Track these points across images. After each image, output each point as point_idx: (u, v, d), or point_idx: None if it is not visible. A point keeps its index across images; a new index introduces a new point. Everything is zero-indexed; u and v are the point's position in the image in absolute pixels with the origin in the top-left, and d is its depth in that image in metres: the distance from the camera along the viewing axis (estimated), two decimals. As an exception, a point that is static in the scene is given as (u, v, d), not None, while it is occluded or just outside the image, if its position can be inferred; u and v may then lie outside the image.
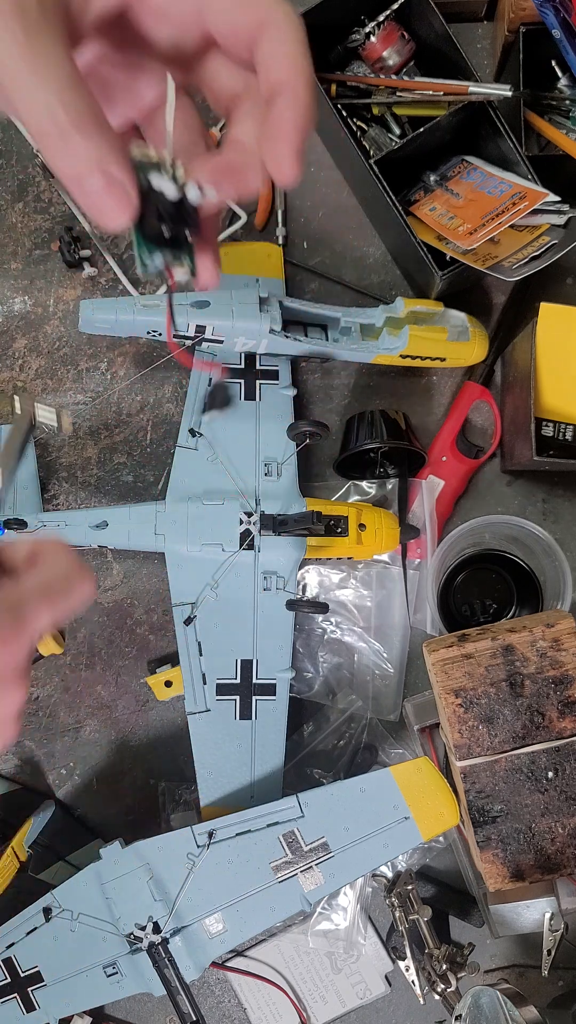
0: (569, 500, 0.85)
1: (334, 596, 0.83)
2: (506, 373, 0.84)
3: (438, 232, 0.75)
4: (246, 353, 0.79)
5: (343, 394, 0.86)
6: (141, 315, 0.74)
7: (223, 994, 0.82)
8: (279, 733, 0.75)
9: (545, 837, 0.68)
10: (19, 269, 0.86)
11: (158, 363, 0.82)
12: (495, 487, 0.85)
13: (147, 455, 0.85)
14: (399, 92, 0.79)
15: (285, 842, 0.69)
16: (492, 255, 0.73)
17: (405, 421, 0.82)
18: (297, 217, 0.87)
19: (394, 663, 0.82)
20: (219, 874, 0.69)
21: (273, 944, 0.80)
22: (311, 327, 0.81)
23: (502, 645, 0.68)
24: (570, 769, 0.68)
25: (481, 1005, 0.66)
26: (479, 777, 0.68)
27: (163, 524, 0.74)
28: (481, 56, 0.87)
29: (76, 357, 0.86)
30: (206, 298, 0.75)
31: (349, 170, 0.84)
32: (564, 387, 0.75)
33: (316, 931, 0.80)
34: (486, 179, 0.76)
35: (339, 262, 0.87)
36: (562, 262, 0.74)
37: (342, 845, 0.68)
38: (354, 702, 0.82)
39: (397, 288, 0.86)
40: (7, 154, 0.87)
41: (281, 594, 0.76)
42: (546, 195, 0.72)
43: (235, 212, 0.85)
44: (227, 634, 0.75)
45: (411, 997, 0.78)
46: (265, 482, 0.77)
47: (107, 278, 0.86)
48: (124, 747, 0.84)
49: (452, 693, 0.68)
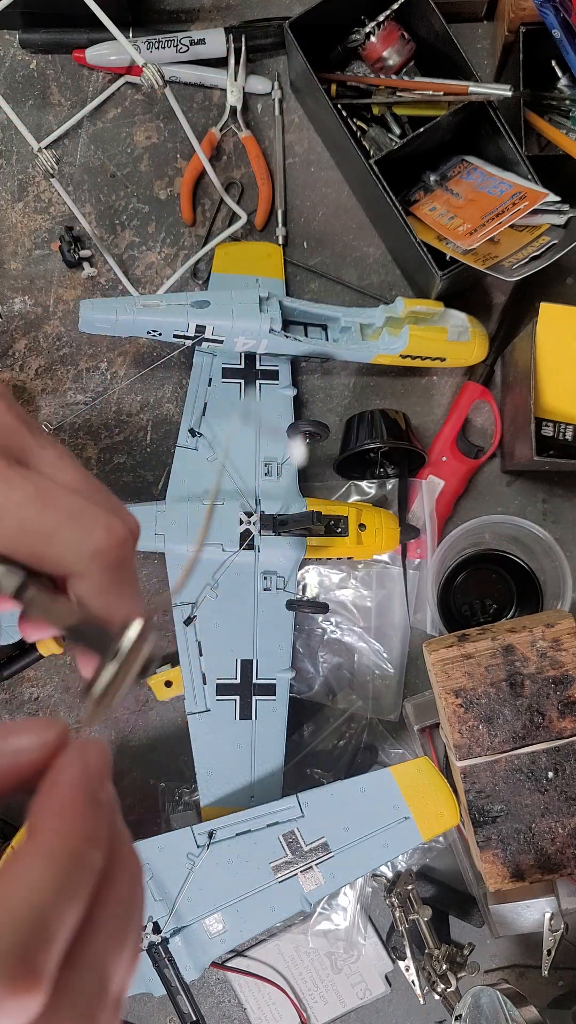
0: (569, 500, 0.85)
1: (334, 596, 0.83)
2: (506, 373, 0.84)
3: (438, 232, 0.75)
4: (246, 353, 0.79)
5: (343, 394, 0.86)
6: (141, 315, 0.74)
7: (223, 994, 0.82)
8: (279, 733, 0.75)
9: (545, 837, 0.68)
10: (19, 269, 0.86)
11: (158, 363, 0.82)
12: (495, 487, 0.85)
13: (147, 455, 0.85)
14: (399, 92, 0.79)
15: (285, 842, 0.69)
16: (492, 255, 0.73)
17: (405, 421, 0.82)
18: (297, 217, 0.87)
19: (394, 663, 0.82)
20: (219, 874, 0.69)
21: (273, 944, 0.80)
22: (311, 327, 0.81)
23: (502, 645, 0.68)
24: (570, 769, 0.68)
25: (481, 1005, 0.66)
26: (479, 777, 0.68)
27: (163, 524, 0.74)
28: (481, 56, 0.87)
29: (76, 357, 0.86)
30: (206, 298, 0.76)
31: (349, 170, 0.84)
32: (564, 387, 0.75)
33: (316, 931, 0.80)
34: (486, 179, 0.76)
35: (339, 262, 0.87)
36: (562, 262, 0.74)
37: (342, 845, 0.68)
38: (354, 702, 0.82)
39: (397, 288, 0.86)
40: (7, 154, 0.87)
41: (281, 594, 0.76)
42: (546, 195, 0.72)
43: (235, 212, 0.85)
44: (227, 634, 0.75)
45: (411, 997, 0.78)
46: (265, 482, 0.77)
47: (107, 278, 0.86)
48: (124, 747, 0.84)
49: (452, 693, 0.68)
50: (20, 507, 0.29)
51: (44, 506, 0.30)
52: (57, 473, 0.32)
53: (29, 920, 0.24)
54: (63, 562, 0.30)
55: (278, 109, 0.86)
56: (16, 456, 0.31)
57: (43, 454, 0.32)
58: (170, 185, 0.87)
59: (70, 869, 0.25)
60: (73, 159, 0.87)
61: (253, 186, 0.86)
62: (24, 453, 0.31)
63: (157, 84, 0.70)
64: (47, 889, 0.25)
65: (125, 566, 0.32)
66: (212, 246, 0.84)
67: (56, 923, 0.24)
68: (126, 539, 0.31)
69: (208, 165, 0.81)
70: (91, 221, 0.86)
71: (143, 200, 0.87)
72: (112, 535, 0.31)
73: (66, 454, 0.32)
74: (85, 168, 0.87)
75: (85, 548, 0.30)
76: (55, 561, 0.30)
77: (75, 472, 0.32)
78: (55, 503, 0.30)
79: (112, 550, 0.31)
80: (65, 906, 0.25)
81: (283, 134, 0.87)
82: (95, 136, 0.87)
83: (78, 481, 0.32)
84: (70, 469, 0.32)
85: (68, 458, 0.32)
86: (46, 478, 0.31)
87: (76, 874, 0.26)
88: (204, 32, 0.84)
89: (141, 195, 0.87)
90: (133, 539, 0.32)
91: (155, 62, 0.74)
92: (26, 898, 0.24)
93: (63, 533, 0.30)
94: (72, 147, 0.87)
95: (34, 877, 0.25)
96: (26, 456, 0.31)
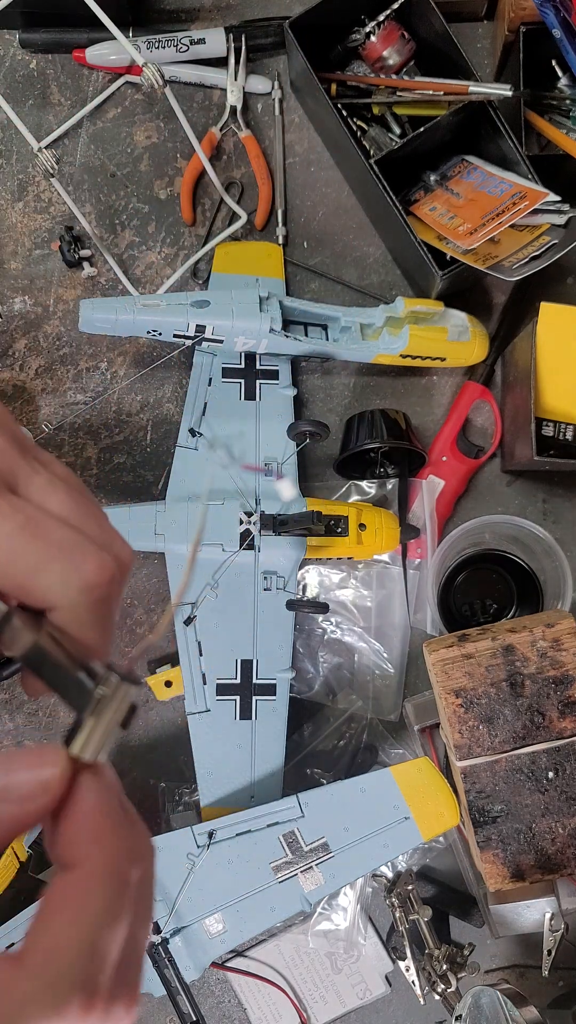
0: (569, 500, 0.85)
1: (334, 596, 0.83)
2: (506, 373, 0.84)
3: (438, 232, 0.75)
4: (246, 353, 0.79)
5: (343, 394, 0.86)
6: (141, 315, 0.74)
7: (223, 994, 0.82)
8: (279, 733, 0.75)
9: (545, 837, 0.68)
10: (19, 269, 0.86)
11: (158, 363, 0.82)
12: (495, 487, 0.85)
13: (147, 455, 0.85)
14: (399, 92, 0.79)
15: (285, 842, 0.69)
16: (492, 255, 0.73)
17: (405, 421, 0.82)
18: (297, 217, 0.87)
19: (394, 663, 0.82)
20: (219, 874, 0.69)
21: (273, 944, 0.80)
22: (311, 327, 0.81)
23: (502, 645, 0.68)
24: (570, 769, 0.68)
25: (481, 1005, 0.66)
26: (479, 777, 0.68)
27: (163, 524, 0.74)
28: (481, 56, 0.87)
29: (76, 357, 0.86)
30: (206, 298, 0.76)
31: (349, 170, 0.84)
32: (564, 387, 0.75)
33: (316, 931, 0.80)
34: (486, 179, 0.76)
35: (339, 262, 0.86)
36: (562, 262, 0.74)
37: (342, 845, 0.68)
38: (354, 702, 0.82)
39: (397, 288, 0.86)
40: (7, 154, 0.87)
41: (281, 594, 0.76)
42: (546, 195, 0.72)
43: (235, 212, 0.85)
44: (227, 634, 0.75)
45: (411, 997, 0.78)
46: (265, 482, 0.77)
47: (107, 278, 0.86)
48: (124, 747, 0.84)
49: (452, 693, 0.68)
50: (9, 537, 0.29)
51: (33, 537, 0.29)
52: (48, 500, 0.31)
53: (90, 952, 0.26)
54: (48, 595, 0.29)
55: (278, 109, 0.86)
56: (6, 482, 0.30)
57: (34, 479, 0.31)
58: (170, 185, 0.87)
59: (118, 891, 0.27)
60: (73, 159, 0.87)
61: (253, 186, 0.86)
62: (15, 478, 0.30)
63: (157, 84, 0.70)
64: (101, 916, 0.26)
65: (111, 602, 0.31)
66: (212, 246, 0.84)
67: (112, 943, 0.26)
68: (115, 576, 0.30)
69: (208, 165, 0.81)
70: (91, 221, 0.86)
71: (143, 200, 0.87)
72: (103, 572, 0.30)
73: (58, 477, 0.31)
74: (85, 168, 0.87)
75: (73, 583, 0.29)
76: (40, 594, 0.29)
77: (67, 498, 0.31)
78: (45, 535, 0.29)
79: (100, 587, 0.30)
80: (118, 925, 0.27)
81: (283, 134, 0.87)
82: (95, 136, 0.87)
83: (70, 509, 0.31)
84: (62, 494, 0.31)
85: (60, 482, 0.31)
86: (36, 507, 0.30)
87: (123, 893, 0.27)
88: (204, 32, 0.84)
89: (141, 195, 0.87)
90: (123, 573, 0.31)
91: (155, 62, 0.74)
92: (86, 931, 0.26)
93: (52, 567, 0.29)
94: (72, 147, 0.87)
95: (89, 910, 0.26)
96: (16, 482, 0.30)
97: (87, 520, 0.31)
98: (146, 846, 0.30)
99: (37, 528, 0.29)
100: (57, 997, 0.24)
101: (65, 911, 0.26)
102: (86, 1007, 0.25)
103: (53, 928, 0.26)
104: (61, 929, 0.26)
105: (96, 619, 0.30)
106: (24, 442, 0.32)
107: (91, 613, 0.30)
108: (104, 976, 0.26)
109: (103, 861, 0.27)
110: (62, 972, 0.25)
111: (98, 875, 0.27)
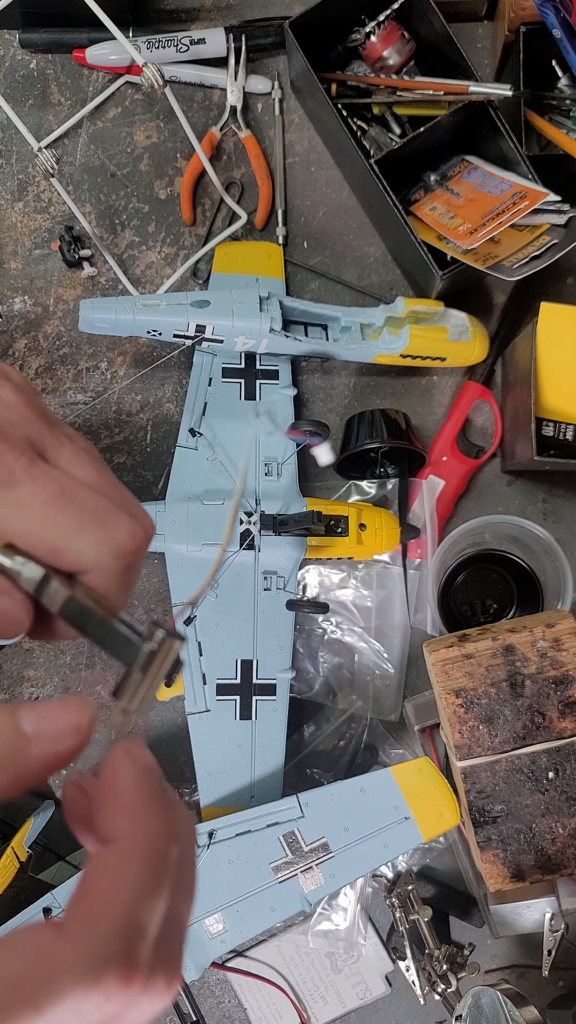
0: (569, 500, 0.85)
1: (334, 596, 0.83)
2: (506, 373, 0.84)
3: (438, 232, 0.75)
4: (246, 353, 0.79)
5: (343, 394, 0.86)
6: (141, 315, 0.74)
7: (223, 994, 0.82)
8: (279, 733, 0.75)
9: (545, 837, 0.68)
10: (19, 269, 0.86)
11: (158, 363, 0.82)
12: (495, 487, 0.85)
13: (147, 455, 0.85)
14: (399, 92, 0.79)
15: (285, 842, 0.69)
16: (492, 255, 0.73)
17: (405, 421, 0.82)
18: (297, 217, 0.87)
19: (394, 663, 0.82)
20: (219, 874, 0.69)
21: (273, 944, 0.80)
22: (311, 327, 0.81)
23: (502, 645, 0.68)
24: (570, 769, 0.68)
25: (481, 1005, 0.66)
26: (479, 777, 0.68)
27: (163, 524, 0.74)
28: (481, 56, 0.87)
29: (76, 357, 0.86)
30: (206, 297, 0.75)
31: (349, 170, 0.84)
32: (564, 387, 0.75)
33: (316, 931, 0.80)
34: (486, 179, 0.76)
35: (339, 262, 0.86)
36: (562, 262, 0.74)
37: (342, 845, 0.68)
38: (354, 702, 0.82)
39: (397, 288, 0.86)
40: (7, 154, 0.87)
41: (281, 594, 0.76)
42: (546, 195, 0.72)
43: (235, 212, 0.85)
44: (227, 634, 0.75)
45: (411, 997, 0.78)
46: (265, 482, 0.77)
47: (107, 278, 0.86)
48: (124, 747, 0.83)
49: (452, 693, 0.68)
50: (45, 505, 0.30)
51: (69, 503, 0.30)
52: (76, 469, 0.32)
53: (129, 924, 0.26)
54: (81, 559, 0.31)
55: (278, 109, 0.86)
56: (37, 450, 0.31)
57: (61, 449, 0.32)
58: (170, 185, 0.87)
59: (158, 865, 0.27)
60: (73, 159, 0.87)
61: (253, 186, 0.86)
62: (44, 447, 0.32)
63: (157, 84, 0.70)
64: (141, 889, 0.27)
65: (136, 568, 0.32)
66: (212, 246, 0.84)
67: (152, 917, 0.27)
68: (142, 543, 0.32)
69: (208, 165, 0.81)
70: (91, 221, 0.86)
71: (143, 200, 0.87)
72: (134, 538, 0.31)
73: (83, 449, 0.33)
74: (85, 168, 0.87)
75: (107, 548, 0.31)
76: (73, 558, 0.31)
77: (93, 469, 0.32)
78: (79, 502, 0.30)
79: (131, 553, 0.31)
80: (157, 899, 0.27)
81: (283, 134, 0.87)
82: (95, 136, 0.87)
83: (96, 478, 0.32)
84: (88, 465, 0.32)
85: (86, 454, 0.32)
86: (68, 475, 0.31)
87: (163, 867, 0.28)
88: (204, 32, 0.84)
89: (141, 195, 0.87)
90: (148, 540, 0.33)
91: (155, 62, 0.74)
92: (126, 902, 0.26)
93: (86, 532, 0.30)
94: (72, 147, 0.87)
95: (128, 882, 0.27)
96: (45, 450, 0.31)
97: (113, 489, 0.32)
98: (187, 828, 0.30)
99: (72, 495, 0.30)
100: (95, 967, 0.24)
101: (104, 882, 0.27)
102: (125, 979, 0.25)
103: (92, 898, 0.26)
104: (100, 899, 0.26)
105: (124, 583, 0.32)
106: (49, 414, 0.33)
107: (120, 576, 0.31)
108: (144, 949, 0.26)
109: (143, 835, 0.28)
110: (100, 942, 0.25)
111: (137, 848, 0.27)
